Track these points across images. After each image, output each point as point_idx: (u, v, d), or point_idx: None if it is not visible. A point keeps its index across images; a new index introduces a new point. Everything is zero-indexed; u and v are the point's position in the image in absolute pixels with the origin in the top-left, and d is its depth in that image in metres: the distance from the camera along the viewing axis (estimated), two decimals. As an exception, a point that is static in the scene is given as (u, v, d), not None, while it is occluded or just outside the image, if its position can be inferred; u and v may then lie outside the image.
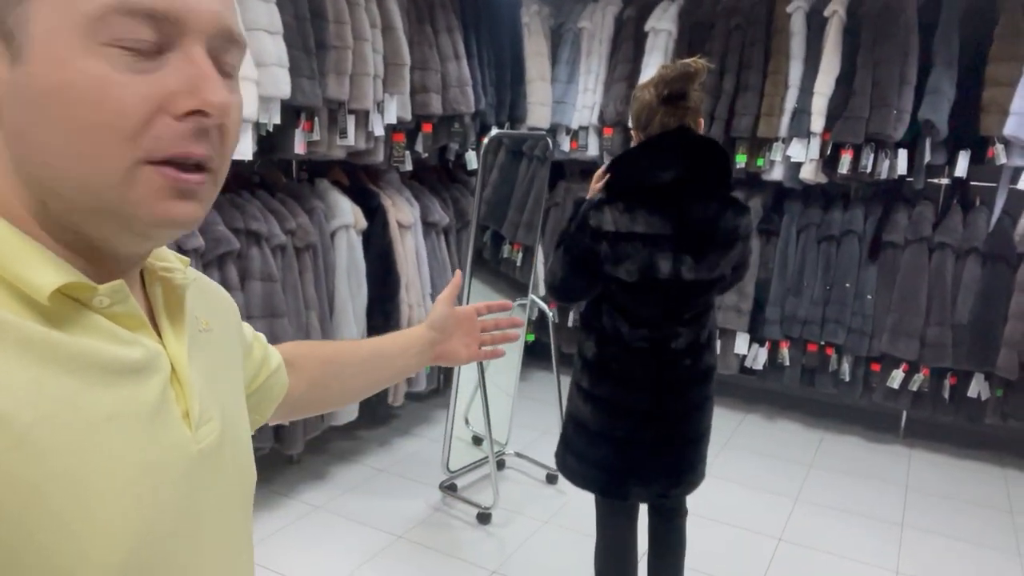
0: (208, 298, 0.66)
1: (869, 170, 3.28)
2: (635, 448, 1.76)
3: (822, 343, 3.51)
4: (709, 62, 1.61)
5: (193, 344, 0.57)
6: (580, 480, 1.85)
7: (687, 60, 1.60)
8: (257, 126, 2.35)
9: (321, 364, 0.91)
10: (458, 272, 1.13)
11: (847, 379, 3.49)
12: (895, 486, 3.15)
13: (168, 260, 0.59)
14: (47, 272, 0.46)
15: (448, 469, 2.94)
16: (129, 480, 0.48)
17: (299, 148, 2.55)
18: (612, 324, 1.73)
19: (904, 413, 3.61)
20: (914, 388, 3.35)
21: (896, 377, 3.37)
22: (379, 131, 2.86)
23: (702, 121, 1.72)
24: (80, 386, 0.46)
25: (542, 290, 3.48)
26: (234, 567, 0.60)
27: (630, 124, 1.74)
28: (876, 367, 3.45)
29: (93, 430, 0.46)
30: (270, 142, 2.58)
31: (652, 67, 3.57)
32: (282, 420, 0.88)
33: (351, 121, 2.73)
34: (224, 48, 0.50)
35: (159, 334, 0.55)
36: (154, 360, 0.52)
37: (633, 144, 1.73)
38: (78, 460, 0.45)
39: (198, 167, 0.49)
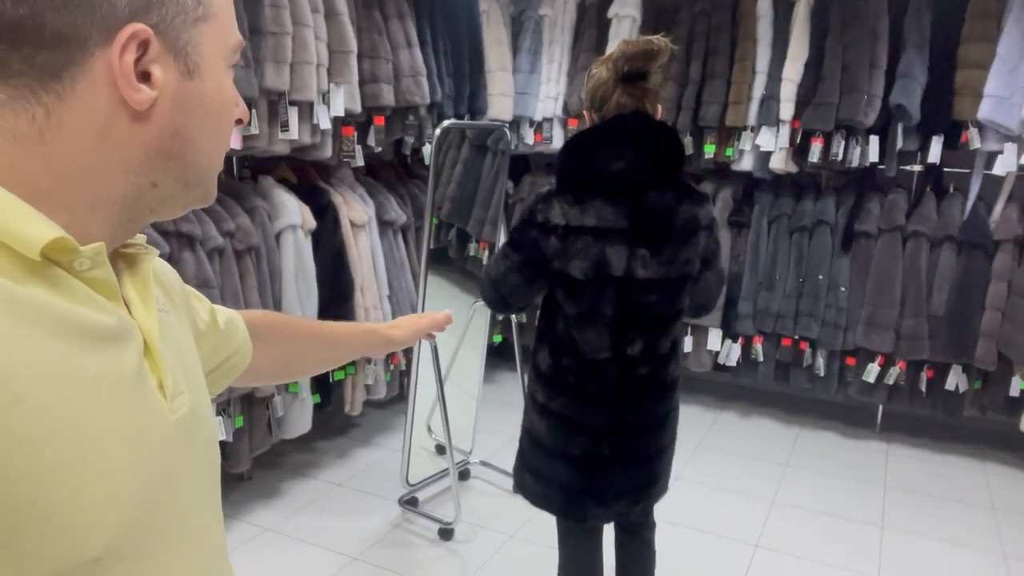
0: (161, 280, 0.68)
1: (840, 158, 3.17)
2: (593, 466, 1.61)
3: (796, 337, 3.41)
4: (673, 42, 1.48)
5: (159, 320, 0.59)
6: (538, 500, 1.71)
7: (650, 37, 1.47)
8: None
9: (290, 344, 0.96)
10: (448, 313, 1.18)
11: (822, 374, 3.39)
12: (873, 484, 3.04)
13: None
14: (38, 226, 0.46)
15: (408, 482, 2.77)
16: (121, 441, 0.48)
17: (234, 142, 2.36)
18: (567, 332, 1.58)
19: (880, 407, 3.53)
20: (890, 382, 3.26)
21: (872, 371, 3.27)
22: (325, 124, 2.68)
23: (660, 108, 1.58)
24: (67, 348, 0.46)
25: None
26: (215, 542, 0.61)
27: (584, 103, 1.60)
28: (851, 361, 3.35)
29: (83, 391, 0.46)
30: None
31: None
32: (239, 385, 0.93)
33: (293, 113, 2.54)
34: None
35: (128, 309, 0.55)
36: (129, 330, 0.52)
37: (587, 125, 1.58)
38: (72, 420, 0.45)
39: None
